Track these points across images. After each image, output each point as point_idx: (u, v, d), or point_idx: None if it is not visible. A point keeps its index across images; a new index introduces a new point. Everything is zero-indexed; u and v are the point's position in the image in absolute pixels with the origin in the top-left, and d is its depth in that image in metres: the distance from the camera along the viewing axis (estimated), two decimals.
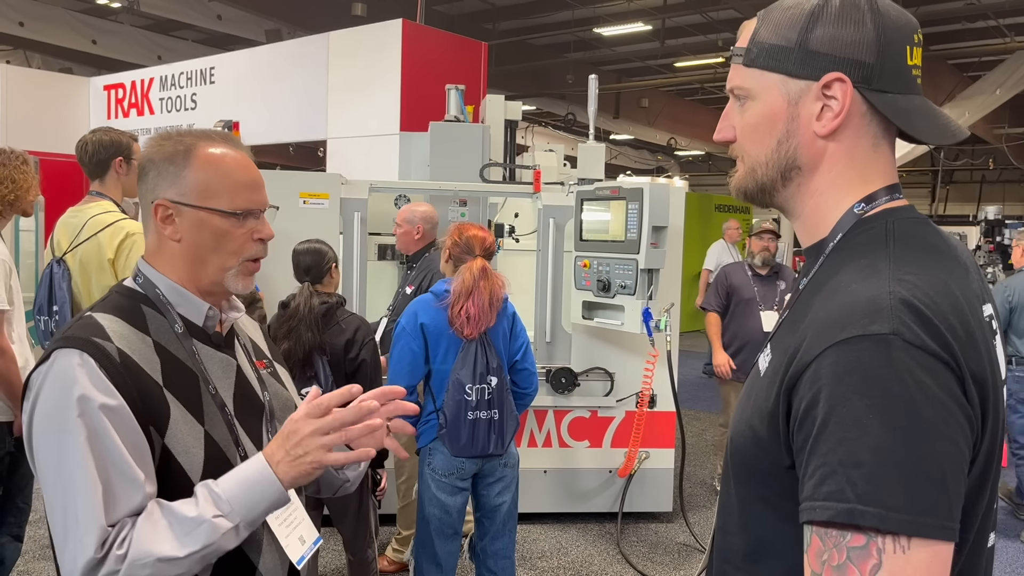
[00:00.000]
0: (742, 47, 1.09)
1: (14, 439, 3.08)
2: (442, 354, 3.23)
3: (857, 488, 0.84)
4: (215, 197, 1.38)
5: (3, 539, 3.16)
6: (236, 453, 1.37)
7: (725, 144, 1.13)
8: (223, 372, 1.43)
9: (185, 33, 15.13)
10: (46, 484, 1.24)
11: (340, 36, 8.07)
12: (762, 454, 1.00)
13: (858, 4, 1.02)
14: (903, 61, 1.03)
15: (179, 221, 1.38)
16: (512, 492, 3.41)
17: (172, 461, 1.29)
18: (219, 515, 1.22)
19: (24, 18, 12.47)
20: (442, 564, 3.32)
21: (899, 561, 0.83)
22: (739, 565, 1.08)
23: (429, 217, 4.45)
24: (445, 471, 3.25)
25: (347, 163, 7.56)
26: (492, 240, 3.37)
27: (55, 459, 1.22)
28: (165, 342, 1.35)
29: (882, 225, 1.02)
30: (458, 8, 13.86)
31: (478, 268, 3.21)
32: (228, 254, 1.40)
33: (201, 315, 1.42)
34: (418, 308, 3.27)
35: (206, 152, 1.39)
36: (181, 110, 9.74)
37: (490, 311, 3.19)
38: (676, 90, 18.86)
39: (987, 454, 0.94)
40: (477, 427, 3.20)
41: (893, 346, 0.86)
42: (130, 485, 1.23)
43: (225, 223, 1.38)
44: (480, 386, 3.20)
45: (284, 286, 3.54)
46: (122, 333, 1.31)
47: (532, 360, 3.44)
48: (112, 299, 1.40)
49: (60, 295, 3.05)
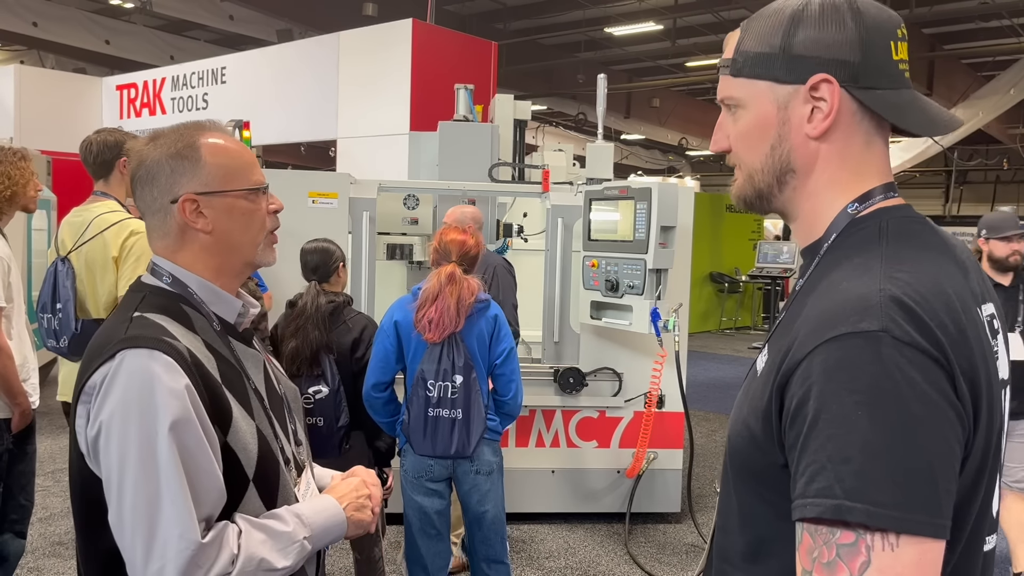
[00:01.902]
0: (728, 58, 1.10)
1: (12, 436, 3.09)
2: (412, 352, 3.20)
3: (845, 484, 0.84)
4: (236, 179, 1.41)
5: (6, 536, 3.17)
6: (277, 446, 1.40)
7: (722, 154, 1.14)
8: (255, 367, 1.46)
9: (197, 33, 15.22)
10: (123, 486, 1.21)
11: (350, 36, 8.10)
12: (758, 453, 1.00)
13: (838, 5, 1.03)
14: (888, 57, 1.03)
15: (208, 212, 1.38)
16: (493, 502, 3.30)
17: (232, 458, 1.30)
18: (307, 538, 1.35)
19: (38, 18, 12.58)
20: (428, 566, 3.27)
21: (888, 558, 0.83)
22: (738, 564, 1.08)
23: (478, 217, 4.43)
24: (415, 472, 3.21)
25: (357, 163, 7.59)
26: (472, 243, 3.29)
27: (137, 460, 1.20)
28: (211, 340, 1.36)
29: (875, 224, 1.02)
30: (469, 8, 13.88)
31: (445, 274, 3.16)
32: (256, 230, 1.43)
33: (234, 312, 1.45)
34: (395, 307, 3.27)
35: (208, 142, 1.41)
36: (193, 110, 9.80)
37: (456, 316, 3.13)
38: (687, 90, 18.84)
39: (981, 453, 0.93)
40: (438, 425, 3.15)
41: (882, 343, 0.86)
42: (213, 485, 1.24)
43: (250, 202, 1.42)
44: (443, 383, 3.14)
45: (292, 285, 3.55)
46: (180, 333, 1.31)
47: (513, 368, 3.30)
48: (150, 299, 1.36)
49: (64, 293, 3.06)
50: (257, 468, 1.33)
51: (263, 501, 1.34)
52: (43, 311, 3.11)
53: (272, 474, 1.36)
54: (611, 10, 13.52)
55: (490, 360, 3.25)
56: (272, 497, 1.36)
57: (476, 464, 3.22)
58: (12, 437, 3.10)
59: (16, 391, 3.04)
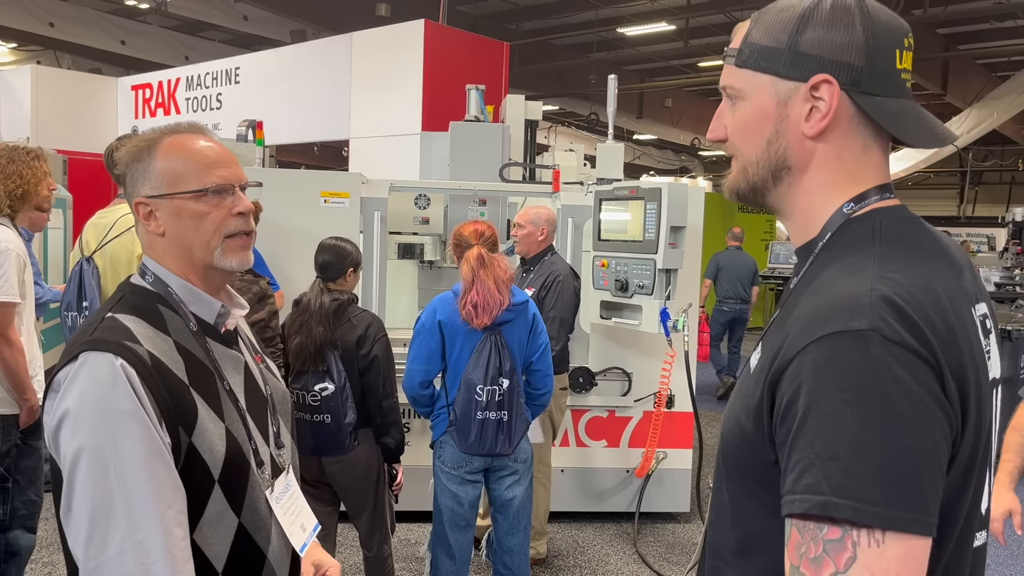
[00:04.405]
0: (735, 47, 1.11)
1: (21, 432, 3.14)
2: (457, 351, 3.29)
3: (832, 481, 0.85)
4: (183, 181, 1.39)
5: (16, 531, 3.21)
6: (249, 448, 1.40)
7: (718, 143, 1.15)
8: (234, 368, 1.46)
9: (212, 34, 15.31)
10: (72, 484, 1.23)
11: (363, 36, 8.13)
12: (749, 450, 1.02)
13: (848, 8, 1.03)
14: (892, 65, 1.03)
15: (159, 215, 1.39)
16: (524, 487, 3.44)
17: (197, 459, 1.30)
18: None
19: (55, 19, 12.69)
20: (455, 556, 3.38)
21: (873, 555, 0.84)
22: (730, 561, 1.09)
23: (552, 219, 4.42)
24: (454, 464, 3.33)
25: (369, 163, 7.62)
26: (485, 227, 3.40)
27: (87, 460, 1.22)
28: (184, 341, 1.37)
29: (869, 224, 1.03)
30: (482, 8, 13.90)
31: (474, 257, 3.25)
32: (209, 234, 1.40)
33: (213, 313, 1.44)
34: (437, 305, 3.34)
35: (167, 141, 1.42)
36: (207, 110, 9.85)
37: (499, 294, 3.22)
38: (700, 90, 18.79)
39: (970, 452, 0.94)
40: (486, 427, 3.25)
41: (872, 342, 0.87)
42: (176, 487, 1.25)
43: (198, 205, 1.39)
44: (491, 388, 3.24)
45: (306, 284, 3.57)
46: (146, 335, 1.32)
47: (549, 363, 3.45)
48: (127, 299, 1.39)
49: (90, 292, 3.11)
50: (223, 470, 1.33)
51: (229, 503, 1.35)
52: (68, 309, 3.16)
53: (239, 476, 1.37)
54: (623, 10, 13.51)
55: (526, 356, 3.37)
56: (238, 500, 1.36)
57: (515, 453, 3.37)
58: (20, 433, 3.14)
59: (26, 387, 3.08)
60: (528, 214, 4.37)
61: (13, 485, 3.16)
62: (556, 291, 4.18)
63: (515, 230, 4.34)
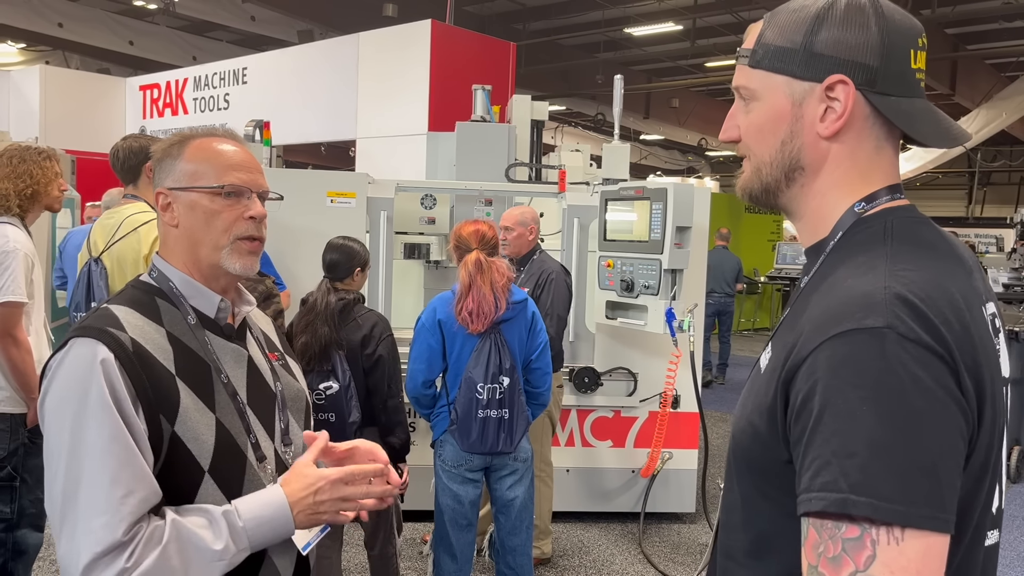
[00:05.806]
0: (748, 48, 1.10)
1: (28, 431, 3.15)
2: (458, 349, 3.30)
3: (850, 478, 0.85)
4: (202, 177, 1.44)
5: (24, 529, 3.22)
6: (247, 440, 1.42)
7: (730, 143, 1.15)
8: (235, 362, 1.48)
9: (219, 34, 15.35)
10: (54, 468, 1.26)
11: (370, 37, 8.14)
12: (762, 449, 1.01)
13: (863, 8, 1.03)
14: (907, 65, 1.03)
15: (175, 206, 1.45)
16: (525, 486, 3.44)
17: (181, 448, 1.32)
18: (240, 551, 1.32)
19: (63, 19, 12.74)
20: (457, 556, 3.38)
21: (893, 552, 0.83)
22: (742, 561, 1.08)
23: (537, 218, 4.41)
24: (454, 463, 3.33)
25: (376, 163, 7.64)
26: (487, 228, 3.38)
27: (67, 445, 1.25)
28: (178, 333, 1.40)
29: (881, 223, 1.03)
30: (489, 8, 13.90)
31: (472, 262, 3.26)
32: (219, 232, 1.44)
33: (213, 307, 1.47)
34: (437, 304, 3.35)
35: (198, 141, 1.48)
36: (215, 110, 9.88)
37: (495, 301, 3.22)
38: (707, 90, 18.76)
39: (985, 449, 0.94)
40: (487, 425, 3.25)
41: (887, 339, 0.87)
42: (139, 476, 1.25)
43: (213, 202, 1.44)
44: (492, 386, 3.24)
45: (312, 284, 3.58)
46: (136, 324, 1.36)
47: (548, 361, 3.46)
48: (128, 292, 1.45)
49: (99, 292, 3.12)
50: (214, 460, 1.35)
51: (225, 495, 1.36)
52: (77, 310, 3.17)
53: (235, 469, 1.38)
54: (630, 11, 13.50)
55: (526, 354, 3.37)
56: (235, 493, 1.37)
57: (515, 452, 3.37)
58: (28, 432, 3.16)
59: (33, 386, 3.09)
60: (514, 215, 4.36)
61: (21, 484, 3.17)
62: (551, 289, 4.20)
63: (504, 233, 4.29)
